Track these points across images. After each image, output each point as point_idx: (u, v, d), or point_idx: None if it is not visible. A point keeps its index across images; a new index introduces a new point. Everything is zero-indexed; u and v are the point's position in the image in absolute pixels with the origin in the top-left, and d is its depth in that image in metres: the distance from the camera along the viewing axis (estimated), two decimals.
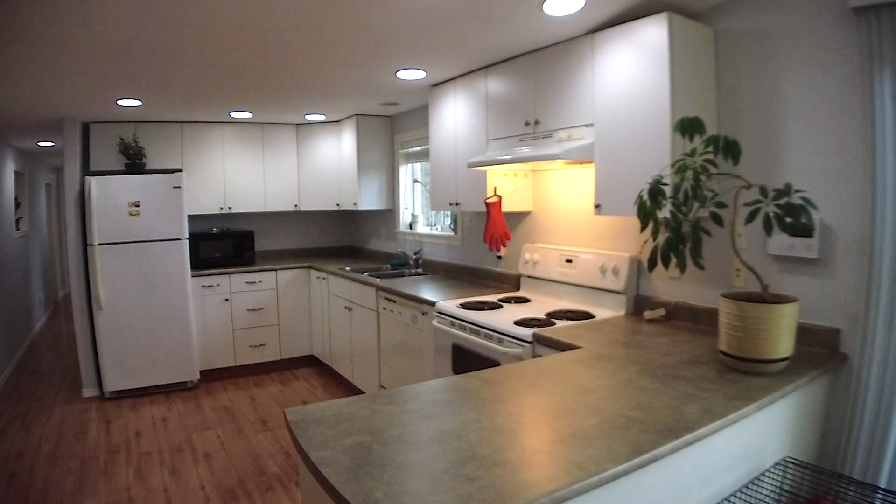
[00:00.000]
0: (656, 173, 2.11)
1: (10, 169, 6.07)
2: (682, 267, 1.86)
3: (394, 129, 5.14)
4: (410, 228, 5.01)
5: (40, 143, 6.16)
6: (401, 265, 4.83)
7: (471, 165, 3.09)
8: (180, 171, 4.93)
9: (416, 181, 5.03)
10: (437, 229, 4.69)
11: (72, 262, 4.50)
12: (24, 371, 5.45)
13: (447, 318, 3.01)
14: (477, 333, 2.75)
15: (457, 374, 2.94)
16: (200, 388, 4.79)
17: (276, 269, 5.17)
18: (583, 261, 2.97)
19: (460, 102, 3.49)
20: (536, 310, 2.90)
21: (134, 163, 4.74)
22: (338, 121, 5.35)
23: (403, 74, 3.42)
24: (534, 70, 2.91)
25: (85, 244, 4.44)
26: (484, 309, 2.95)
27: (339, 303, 4.63)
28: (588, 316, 2.72)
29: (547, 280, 3.21)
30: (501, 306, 3.02)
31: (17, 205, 6.52)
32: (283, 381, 5.03)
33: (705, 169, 1.85)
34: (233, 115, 4.82)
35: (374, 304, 3.99)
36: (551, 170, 3.29)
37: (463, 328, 2.86)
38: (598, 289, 2.88)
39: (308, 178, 5.53)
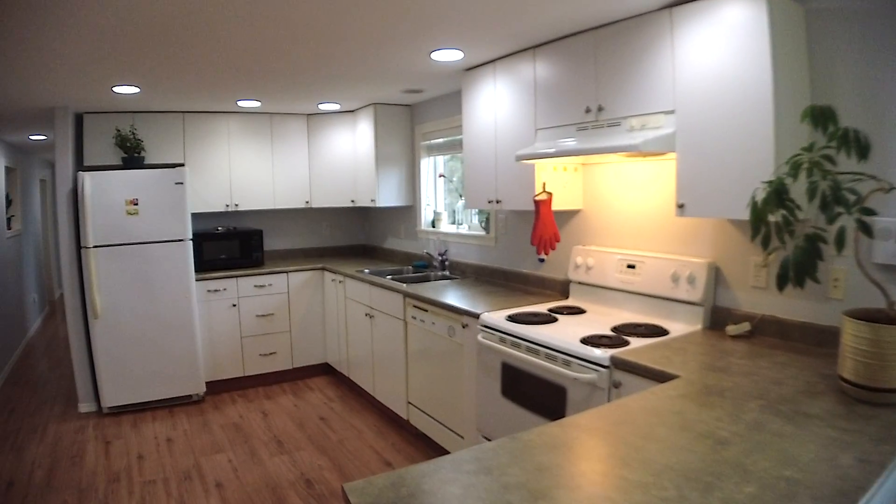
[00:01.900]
0: (755, 169, 1.88)
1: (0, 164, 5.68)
2: (800, 283, 1.55)
3: (414, 120, 4.75)
4: (433, 227, 4.63)
5: (32, 137, 5.76)
6: (424, 266, 4.46)
7: (520, 158, 2.71)
8: (182, 165, 4.54)
9: (441, 175, 4.64)
10: (463, 228, 4.31)
11: (65, 267, 4.11)
12: (17, 382, 5.07)
13: (495, 332, 2.64)
14: (535, 353, 2.38)
15: (507, 397, 2.61)
16: (207, 402, 4.42)
17: (287, 272, 4.79)
18: (649, 267, 2.60)
19: (501, 87, 3.11)
20: (598, 323, 2.54)
21: (132, 157, 4.34)
22: (353, 111, 4.96)
23: (438, 56, 3.02)
24: (595, 49, 2.53)
25: (79, 246, 4.06)
26: (536, 322, 2.58)
27: (358, 308, 4.25)
28: (661, 331, 2.36)
29: (603, 287, 2.84)
30: (556, 319, 2.65)
31: (9, 202, 6.15)
32: (296, 392, 4.66)
33: (819, 165, 1.53)
34: (240, 104, 4.42)
35: (400, 311, 3.62)
36: (605, 163, 2.92)
37: (516, 346, 2.49)
38: (668, 299, 2.51)
39: (320, 172, 5.13)
